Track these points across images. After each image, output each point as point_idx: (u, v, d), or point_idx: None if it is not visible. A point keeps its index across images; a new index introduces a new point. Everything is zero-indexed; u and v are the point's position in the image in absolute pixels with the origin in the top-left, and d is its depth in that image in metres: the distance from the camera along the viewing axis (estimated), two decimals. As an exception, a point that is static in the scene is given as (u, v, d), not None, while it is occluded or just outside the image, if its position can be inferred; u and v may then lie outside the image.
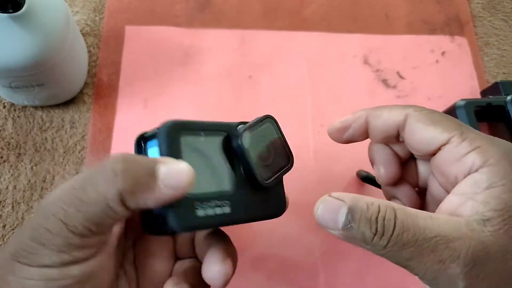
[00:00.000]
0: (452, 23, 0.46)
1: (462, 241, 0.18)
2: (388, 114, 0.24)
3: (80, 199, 0.18)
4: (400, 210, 0.19)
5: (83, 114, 0.39)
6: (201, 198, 0.21)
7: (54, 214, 0.18)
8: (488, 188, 0.19)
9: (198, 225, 0.21)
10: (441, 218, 0.19)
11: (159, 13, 0.43)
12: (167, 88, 0.40)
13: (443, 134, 0.21)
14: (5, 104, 0.38)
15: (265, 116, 0.25)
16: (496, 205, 0.19)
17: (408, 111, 0.23)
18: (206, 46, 0.42)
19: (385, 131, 0.24)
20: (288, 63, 0.43)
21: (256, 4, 0.45)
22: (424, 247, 0.18)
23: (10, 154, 0.37)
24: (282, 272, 0.35)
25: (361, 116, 0.25)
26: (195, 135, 0.22)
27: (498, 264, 0.18)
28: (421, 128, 0.22)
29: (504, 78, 0.45)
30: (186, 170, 0.19)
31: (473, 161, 0.20)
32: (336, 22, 0.45)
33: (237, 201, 0.22)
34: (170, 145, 0.20)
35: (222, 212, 0.21)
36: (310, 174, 0.38)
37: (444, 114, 0.23)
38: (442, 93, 0.43)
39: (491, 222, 0.18)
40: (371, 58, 0.44)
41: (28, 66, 0.31)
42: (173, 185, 0.19)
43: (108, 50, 0.41)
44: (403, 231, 0.18)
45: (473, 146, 0.20)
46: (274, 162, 0.24)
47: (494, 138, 0.21)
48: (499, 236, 0.18)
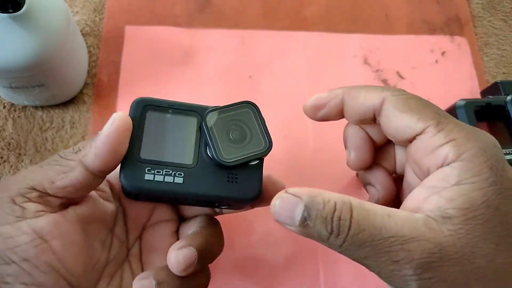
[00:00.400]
0: (452, 23, 0.46)
1: (417, 243, 0.17)
2: (364, 96, 0.22)
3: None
4: (357, 208, 0.18)
5: (83, 114, 0.39)
6: (154, 165, 0.23)
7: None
8: (457, 184, 0.18)
9: (145, 187, 0.23)
10: (399, 217, 0.18)
11: (159, 13, 0.43)
12: (167, 88, 0.40)
13: (419, 123, 0.20)
14: (5, 104, 0.38)
15: (243, 102, 0.25)
16: (461, 203, 0.18)
17: (385, 94, 0.22)
18: (206, 46, 0.42)
19: (361, 114, 0.23)
20: (288, 63, 0.43)
21: (256, 4, 0.45)
22: (380, 247, 0.17)
23: (10, 154, 0.37)
24: (282, 272, 0.35)
25: (338, 96, 0.24)
26: (162, 112, 0.24)
27: (454, 266, 0.17)
28: (396, 115, 0.21)
29: (504, 78, 0.45)
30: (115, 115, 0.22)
31: (446, 154, 0.19)
32: (336, 22, 0.45)
33: (193, 174, 0.24)
34: (134, 117, 0.24)
35: (171, 180, 0.23)
36: (310, 174, 0.38)
37: (423, 101, 0.21)
38: (442, 93, 0.43)
39: (453, 221, 0.18)
40: (371, 58, 0.44)
41: (28, 66, 0.31)
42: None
43: (108, 50, 0.41)
44: (359, 231, 0.18)
45: (448, 139, 0.19)
46: (246, 146, 0.24)
47: (476, 131, 0.20)
48: (458, 236, 0.17)
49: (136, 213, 0.28)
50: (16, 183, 0.21)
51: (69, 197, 0.22)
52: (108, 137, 0.21)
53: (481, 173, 0.18)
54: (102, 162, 0.22)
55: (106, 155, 0.21)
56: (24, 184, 0.21)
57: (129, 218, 0.27)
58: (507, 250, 0.18)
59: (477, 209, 0.18)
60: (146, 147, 0.24)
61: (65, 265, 0.21)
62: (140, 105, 0.24)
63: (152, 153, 0.23)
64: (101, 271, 0.25)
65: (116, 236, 0.26)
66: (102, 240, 0.25)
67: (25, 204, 0.21)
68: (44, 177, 0.21)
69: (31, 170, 0.22)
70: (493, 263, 0.17)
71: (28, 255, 0.20)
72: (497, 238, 0.18)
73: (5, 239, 0.20)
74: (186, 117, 0.25)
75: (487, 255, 0.17)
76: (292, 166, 0.39)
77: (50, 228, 0.21)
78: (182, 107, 0.25)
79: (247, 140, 0.25)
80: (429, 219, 0.18)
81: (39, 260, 0.20)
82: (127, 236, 0.27)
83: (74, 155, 0.22)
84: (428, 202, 0.19)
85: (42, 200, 0.21)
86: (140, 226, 0.28)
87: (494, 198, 0.18)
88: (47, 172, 0.22)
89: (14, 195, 0.21)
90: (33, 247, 0.20)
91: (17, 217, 0.21)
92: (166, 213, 0.28)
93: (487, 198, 0.18)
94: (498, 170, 0.18)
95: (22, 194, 0.21)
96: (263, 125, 0.25)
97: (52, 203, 0.22)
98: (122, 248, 0.27)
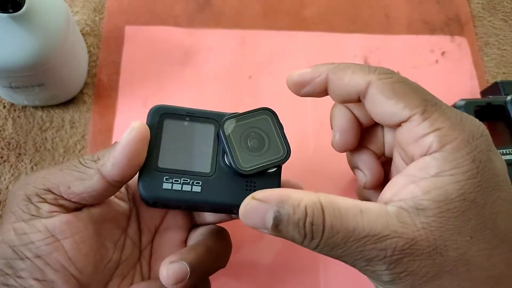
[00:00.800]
0: (452, 23, 0.46)
1: (389, 241, 0.17)
2: (350, 77, 0.21)
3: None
4: (328, 209, 0.18)
5: (83, 114, 0.39)
6: (172, 173, 0.23)
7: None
8: (435, 176, 0.18)
9: (163, 197, 0.23)
10: (372, 212, 0.18)
11: (159, 13, 0.43)
12: (167, 88, 0.40)
13: (405, 111, 0.19)
14: (5, 104, 0.38)
15: (261, 108, 0.25)
16: (436, 195, 0.18)
17: (371, 77, 0.21)
18: (206, 46, 0.42)
19: (346, 96, 0.22)
20: (288, 63, 0.43)
21: (256, 4, 0.45)
22: (353, 248, 0.18)
23: (10, 154, 0.37)
24: (282, 272, 0.35)
25: (322, 74, 0.23)
26: (179, 119, 0.24)
27: (426, 260, 0.17)
28: (382, 100, 0.20)
29: (504, 78, 0.45)
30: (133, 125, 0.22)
31: (430, 144, 0.19)
32: (336, 22, 0.45)
33: (210, 183, 0.23)
34: (151, 125, 0.24)
35: (189, 189, 0.23)
36: (310, 174, 0.38)
37: (411, 85, 0.20)
38: (442, 93, 0.42)
39: (426, 213, 0.17)
40: (371, 58, 0.44)
41: (28, 66, 0.31)
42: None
43: (108, 50, 0.41)
44: (333, 235, 0.18)
45: (433, 128, 0.19)
46: (264, 154, 0.24)
47: (463, 118, 0.19)
48: (431, 229, 0.17)
49: (150, 215, 0.28)
50: (34, 182, 0.22)
51: (83, 203, 0.23)
52: (126, 147, 0.21)
53: (462, 166, 0.18)
54: (120, 172, 0.22)
55: (124, 164, 0.21)
56: (41, 185, 0.22)
57: (142, 219, 0.27)
58: (481, 243, 0.18)
59: (452, 202, 0.17)
60: (164, 156, 0.23)
61: (76, 264, 0.22)
62: (157, 113, 0.24)
63: (170, 161, 0.23)
64: (113, 271, 0.25)
65: (129, 237, 0.26)
66: (114, 240, 0.25)
67: (40, 204, 0.22)
68: (61, 181, 0.22)
69: (50, 171, 0.22)
70: (465, 256, 0.17)
71: (40, 252, 0.21)
72: (471, 231, 0.17)
73: (20, 235, 0.21)
74: (203, 124, 0.25)
75: (459, 248, 0.17)
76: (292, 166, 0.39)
77: (62, 228, 0.21)
78: (199, 114, 0.25)
79: (266, 147, 0.24)
80: (402, 212, 0.18)
81: (51, 258, 0.21)
82: (140, 237, 0.27)
83: (93, 163, 0.22)
84: (405, 191, 0.19)
85: (57, 202, 0.22)
86: (153, 229, 0.28)
87: (471, 191, 0.18)
88: (65, 176, 0.22)
89: (30, 193, 0.22)
90: (45, 245, 0.21)
91: (32, 215, 0.21)
92: (177, 219, 0.28)
93: (464, 191, 0.18)
94: (481, 161, 0.18)
95: (38, 194, 0.22)
96: (281, 132, 0.25)
97: (66, 205, 0.22)
98: (135, 249, 0.27)
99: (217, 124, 0.25)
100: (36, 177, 0.22)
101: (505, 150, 0.35)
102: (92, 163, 0.22)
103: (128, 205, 0.27)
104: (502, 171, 0.19)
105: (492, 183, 0.18)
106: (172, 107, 0.25)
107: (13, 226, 0.21)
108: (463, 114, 0.20)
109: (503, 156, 0.35)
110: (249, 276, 0.35)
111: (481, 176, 0.18)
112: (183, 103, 0.40)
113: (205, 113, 0.25)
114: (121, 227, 0.26)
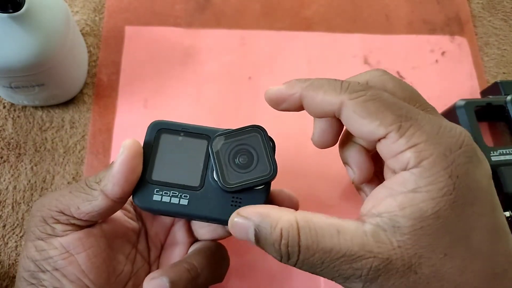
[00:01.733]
0: (452, 23, 0.46)
1: (365, 261, 0.18)
2: (322, 98, 0.21)
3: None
4: (304, 230, 0.19)
5: (83, 114, 0.39)
6: (162, 186, 0.25)
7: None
8: (412, 192, 0.18)
9: (153, 208, 0.25)
10: (348, 232, 0.18)
11: (159, 13, 0.43)
12: (167, 88, 0.40)
13: (380, 129, 0.19)
14: (5, 104, 0.38)
15: (252, 126, 0.25)
16: (411, 213, 0.18)
17: (342, 98, 0.20)
18: (206, 46, 0.42)
19: (321, 113, 0.22)
20: (288, 63, 0.43)
21: (256, 4, 0.45)
22: (330, 267, 0.18)
23: (10, 154, 0.37)
24: (283, 272, 0.35)
25: (296, 92, 0.23)
26: (174, 134, 0.26)
27: (400, 278, 0.18)
28: (356, 120, 0.20)
29: (504, 78, 0.45)
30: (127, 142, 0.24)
31: (408, 160, 0.19)
32: (336, 22, 0.45)
33: (198, 196, 0.25)
34: (149, 140, 0.25)
35: (177, 202, 0.24)
36: (310, 174, 0.38)
37: (384, 101, 0.20)
38: (442, 93, 0.43)
39: (402, 230, 0.18)
40: (371, 58, 0.44)
41: (28, 66, 0.31)
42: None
43: (108, 50, 0.41)
44: (309, 256, 0.19)
45: (410, 144, 0.19)
46: (251, 171, 0.25)
47: (440, 130, 0.19)
48: (406, 247, 0.18)
49: (155, 232, 0.30)
50: (48, 204, 0.24)
51: (93, 220, 0.25)
52: (121, 166, 0.23)
53: (437, 182, 0.18)
54: (120, 190, 0.23)
55: (123, 182, 0.23)
56: (54, 207, 0.24)
57: (149, 237, 0.30)
58: (455, 259, 0.18)
59: (426, 219, 0.18)
60: (157, 169, 0.25)
61: (89, 275, 0.24)
62: (155, 129, 0.26)
63: (163, 174, 0.25)
64: (125, 282, 0.27)
65: (139, 252, 0.29)
66: (126, 254, 0.27)
67: (54, 225, 0.24)
68: (71, 203, 0.24)
69: (62, 193, 0.25)
70: (439, 272, 0.18)
71: (58, 265, 0.24)
72: (445, 248, 0.18)
73: (40, 251, 0.24)
74: (197, 139, 0.26)
75: (433, 265, 0.18)
76: (292, 166, 0.39)
77: (76, 244, 0.24)
78: (193, 130, 0.26)
79: (254, 165, 0.25)
80: (379, 230, 0.18)
81: (67, 271, 0.24)
82: (149, 253, 0.29)
83: (96, 185, 0.24)
84: (383, 204, 0.19)
85: (69, 222, 0.24)
86: (159, 246, 0.30)
87: (446, 209, 0.18)
88: (74, 198, 0.24)
89: (46, 216, 0.24)
90: (61, 259, 0.24)
91: (48, 234, 0.24)
92: (179, 235, 0.30)
93: (439, 209, 0.18)
94: (458, 176, 0.18)
95: (53, 216, 0.24)
96: (269, 149, 0.25)
97: (78, 224, 0.25)
98: (145, 264, 0.29)
99: (210, 140, 0.26)
100: (50, 199, 0.25)
101: (505, 150, 0.35)
102: (96, 184, 0.24)
103: (137, 224, 0.29)
104: (483, 181, 0.19)
105: (469, 198, 0.18)
106: (168, 123, 0.26)
107: (34, 243, 0.24)
108: (443, 123, 0.19)
109: (503, 156, 0.35)
110: (250, 278, 0.35)
111: (456, 192, 0.18)
112: (183, 103, 0.40)
113: (199, 128, 0.26)
114: (132, 242, 0.28)
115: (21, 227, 0.35)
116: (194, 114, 0.39)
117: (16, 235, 0.35)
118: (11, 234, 0.35)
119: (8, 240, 0.35)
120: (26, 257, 0.24)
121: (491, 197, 0.19)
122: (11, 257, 0.34)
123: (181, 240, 0.29)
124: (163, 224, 0.30)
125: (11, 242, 0.35)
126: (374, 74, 0.22)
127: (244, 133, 0.25)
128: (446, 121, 0.20)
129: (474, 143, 0.19)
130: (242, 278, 0.35)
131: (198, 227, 0.29)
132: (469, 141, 0.19)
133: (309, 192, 0.38)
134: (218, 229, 0.29)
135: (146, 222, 0.30)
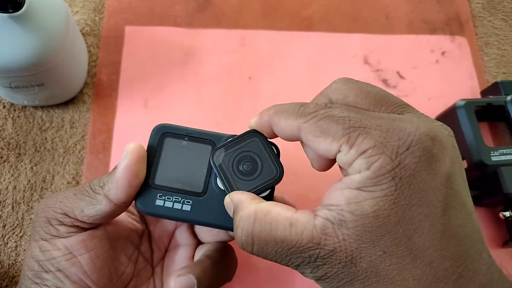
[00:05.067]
0: (452, 23, 0.46)
1: (313, 251, 0.19)
2: (284, 124, 0.22)
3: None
4: (260, 223, 0.20)
5: (83, 114, 0.39)
6: (165, 191, 0.25)
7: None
8: (357, 189, 0.19)
9: (155, 213, 0.25)
10: (300, 225, 0.20)
11: (159, 13, 0.43)
12: (167, 88, 0.40)
13: (333, 144, 0.20)
14: (5, 104, 0.38)
15: (249, 131, 0.25)
16: (355, 209, 0.19)
17: (299, 122, 0.22)
18: (206, 46, 0.42)
19: (289, 138, 0.23)
20: (288, 63, 0.43)
21: (256, 4, 0.45)
22: (282, 256, 0.20)
23: (10, 154, 0.37)
24: (283, 272, 0.35)
25: (265, 121, 0.24)
26: (178, 139, 0.26)
27: (342, 268, 0.19)
28: (312, 140, 0.21)
29: (504, 78, 0.45)
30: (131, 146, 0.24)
31: (359, 168, 0.19)
32: (336, 22, 0.45)
33: (200, 202, 0.25)
34: (153, 143, 0.25)
35: (180, 207, 0.25)
36: (310, 174, 0.38)
37: (333, 116, 0.21)
38: (442, 93, 0.43)
39: (347, 225, 0.19)
40: (371, 58, 0.44)
41: (28, 66, 0.31)
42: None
43: (108, 50, 0.41)
44: (262, 246, 0.20)
45: (359, 152, 0.19)
46: (258, 176, 0.24)
47: (391, 132, 0.19)
48: (350, 241, 0.19)
49: (159, 234, 0.30)
50: (53, 206, 0.25)
51: (96, 223, 0.25)
52: (124, 171, 0.23)
53: (380, 183, 0.19)
54: (123, 194, 0.24)
55: (126, 187, 0.24)
56: (59, 209, 0.24)
57: (153, 239, 0.30)
58: (394, 258, 0.19)
59: (366, 217, 0.19)
60: (161, 173, 0.25)
61: (91, 276, 0.25)
62: (159, 132, 0.25)
63: (166, 179, 0.25)
64: (127, 283, 0.27)
65: (142, 253, 0.29)
66: (128, 255, 0.28)
67: (58, 226, 0.24)
68: (75, 206, 0.24)
69: (66, 195, 0.25)
70: (377, 268, 0.19)
71: (61, 266, 0.24)
72: (384, 246, 0.19)
73: (43, 252, 0.24)
74: (201, 145, 0.26)
75: (372, 261, 0.19)
76: (291, 166, 0.39)
77: (78, 246, 0.24)
78: (197, 135, 0.26)
79: (259, 169, 0.25)
80: (327, 224, 0.19)
81: (70, 271, 0.24)
82: (151, 255, 0.30)
83: (100, 189, 0.24)
84: (334, 196, 0.20)
85: (73, 224, 0.25)
86: (163, 248, 0.30)
87: (386, 209, 0.18)
88: (79, 201, 0.24)
89: (50, 217, 0.24)
90: (64, 260, 0.24)
91: (52, 235, 0.24)
92: (184, 238, 0.30)
93: (378, 208, 0.18)
94: (402, 178, 0.19)
95: (57, 218, 0.24)
96: (271, 152, 0.25)
97: (81, 226, 0.25)
98: (147, 265, 0.29)
99: (214, 145, 0.26)
100: (55, 201, 0.25)
101: (505, 150, 0.35)
102: (99, 188, 0.24)
103: (141, 225, 0.30)
104: (435, 182, 0.19)
105: (414, 198, 0.19)
106: (173, 127, 0.26)
107: (38, 244, 0.24)
108: (393, 125, 0.20)
109: (503, 156, 0.35)
110: (250, 278, 0.35)
111: (399, 193, 0.19)
112: (183, 103, 0.40)
113: (203, 133, 0.26)
114: (134, 243, 0.29)
115: (21, 227, 0.35)
116: (194, 114, 0.39)
117: (16, 235, 0.35)
118: (11, 234, 0.35)
119: (8, 240, 0.35)
120: (30, 257, 0.25)
121: (443, 198, 0.19)
122: (10, 257, 0.34)
123: (185, 242, 0.30)
124: (166, 227, 0.30)
125: (11, 242, 0.35)
126: (336, 86, 0.23)
127: (242, 140, 0.25)
128: (403, 122, 0.20)
129: (429, 142, 0.19)
130: (242, 278, 0.35)
131: (201, 231, 0.30)
132: (419, 140, 0.19)
133: (309, 192, 0.38)
134: (220, 234, 0.29)
135: (150, 224, 0.30)
